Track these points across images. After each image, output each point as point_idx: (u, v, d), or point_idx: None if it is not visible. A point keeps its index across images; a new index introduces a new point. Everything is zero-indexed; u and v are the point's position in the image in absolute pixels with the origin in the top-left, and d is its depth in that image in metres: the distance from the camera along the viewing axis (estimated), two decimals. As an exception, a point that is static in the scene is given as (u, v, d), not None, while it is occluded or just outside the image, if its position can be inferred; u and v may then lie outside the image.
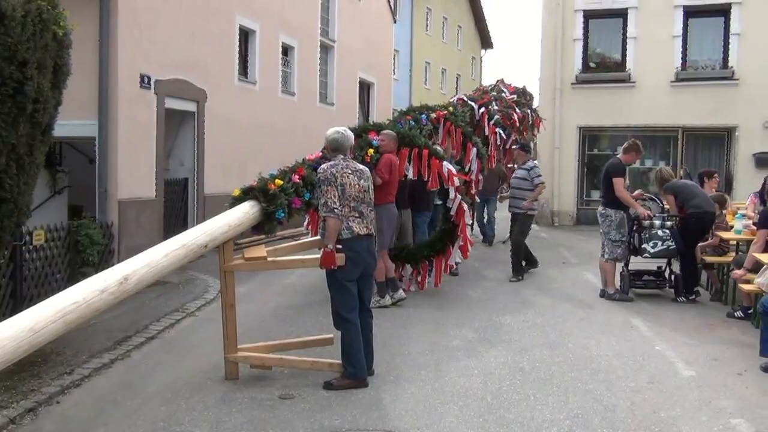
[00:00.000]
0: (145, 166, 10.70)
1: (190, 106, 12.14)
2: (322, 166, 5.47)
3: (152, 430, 4.70)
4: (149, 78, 10.68)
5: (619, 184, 8.49)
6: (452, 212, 8.56)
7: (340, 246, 5.27)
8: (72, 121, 9.08)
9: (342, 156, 5.49)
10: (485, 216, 14.00)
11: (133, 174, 10.38)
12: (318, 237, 5.78)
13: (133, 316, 7.70)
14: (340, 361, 5.48)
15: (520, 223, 10.17)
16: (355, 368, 5.40)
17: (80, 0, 9.38)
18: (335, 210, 5.21)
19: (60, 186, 10.86)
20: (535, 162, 10.46)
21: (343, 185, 5.28)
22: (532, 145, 14.83)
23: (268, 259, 5.66)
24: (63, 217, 10.15)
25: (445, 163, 8.42)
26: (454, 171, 8.50)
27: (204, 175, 12.52)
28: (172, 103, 11.43)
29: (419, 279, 9.05)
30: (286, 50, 16.10)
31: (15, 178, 5.87)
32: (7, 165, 5.69)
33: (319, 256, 5.37)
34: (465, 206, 8.53)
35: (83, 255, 8.90)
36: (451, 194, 8.48)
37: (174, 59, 11.42)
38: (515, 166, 11.05)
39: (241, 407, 5.04)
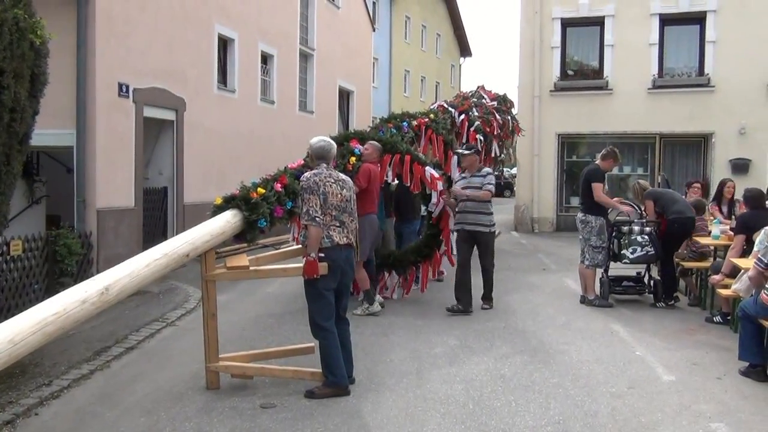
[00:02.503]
0: (123, 175, 10.63)
1: (169, 115, 12.09)
2: (305, 174, 5.45)
3: (133, 442, 4.66)
4: (127, 86, 10.63)
5: (598, 189, 8.55)
6: (434, 215, 8.59)
7: (322, 255, 5.27)
8: (49, 130, 9.03)
9: (325, 165, 5.49)
10: None
11: (112, 183, 10.31)
12: (299, 246, 5.76)
13: (112, 326, 7.64)
14: (321, 370, 5.47)
15: (486, 243, 8.36)
16: (336, 376, 5.39)
17: (57, 9, 9.35)
18: (317, 219, 5.21)
19: (37, 196, 10.75)
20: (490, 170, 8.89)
21: (325, 194, 5.28)
22: (511, 151, 14.86)
23: (250, 268, 5.64)
24: (41, 227, 10.04)
25: (427, 168, 8.44)
26: (436, 175, 8.51)
27: (183, 183, 12.46)
28: (150, 112, 11.38)
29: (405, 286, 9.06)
30: (266, 58, 16.09)
31: (-8, 188, 5.82)
32: (-17, 175, 5.65)
33: (301, 265, 5.36)
34: (449, 211, 8.55)
35: (61, 265, 8.82)
36: (434, 198, 8.50)
37: (152, 68, 11.37)
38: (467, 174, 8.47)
39: (223, 417, 5.00)
